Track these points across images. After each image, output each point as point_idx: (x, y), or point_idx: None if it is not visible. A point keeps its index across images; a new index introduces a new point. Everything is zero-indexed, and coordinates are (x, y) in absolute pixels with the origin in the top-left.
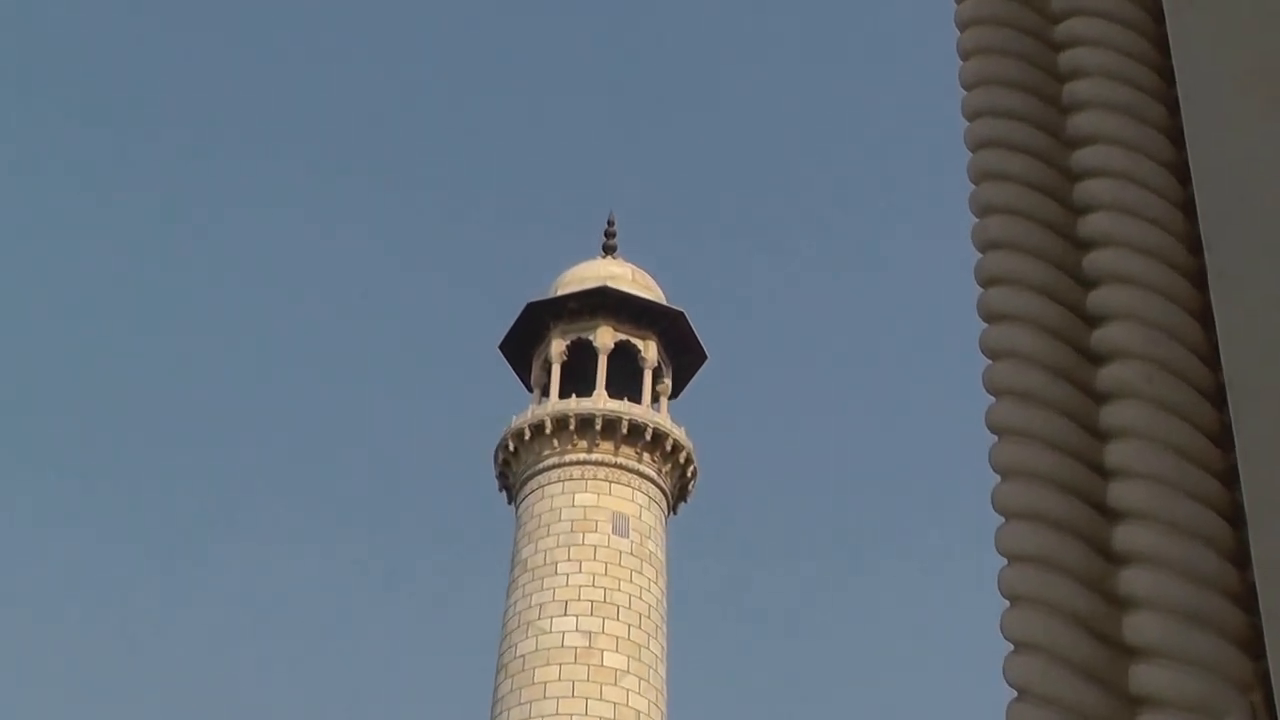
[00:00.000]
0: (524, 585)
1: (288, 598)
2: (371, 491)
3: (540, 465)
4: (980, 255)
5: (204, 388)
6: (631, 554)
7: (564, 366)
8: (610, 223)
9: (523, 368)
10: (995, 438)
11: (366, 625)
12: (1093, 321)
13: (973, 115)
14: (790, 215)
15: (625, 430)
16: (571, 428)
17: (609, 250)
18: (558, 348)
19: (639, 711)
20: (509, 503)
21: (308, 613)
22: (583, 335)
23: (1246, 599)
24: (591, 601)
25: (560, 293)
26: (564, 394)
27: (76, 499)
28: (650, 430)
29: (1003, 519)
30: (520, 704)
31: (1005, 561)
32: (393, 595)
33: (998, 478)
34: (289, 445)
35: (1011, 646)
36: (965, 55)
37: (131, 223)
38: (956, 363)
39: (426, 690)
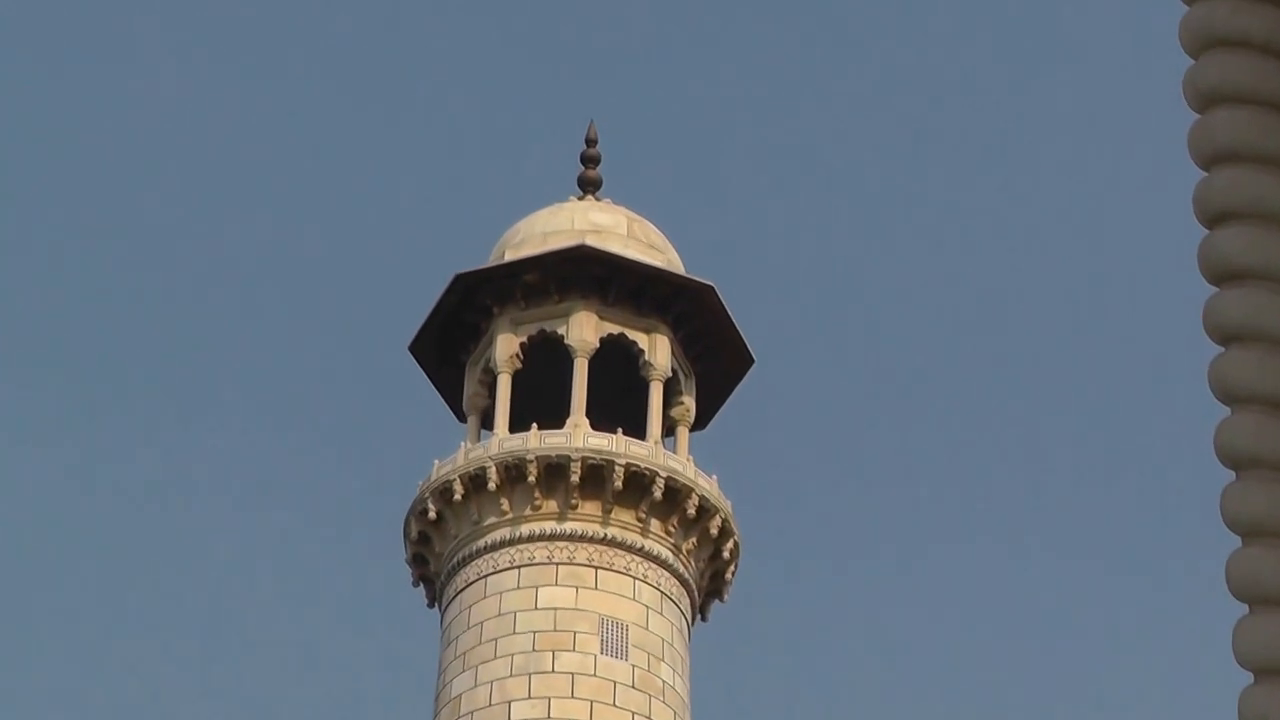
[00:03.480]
0: None
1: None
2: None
3: (480, 542)
4: (1204, 173)
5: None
6: (634, 686)
7: (518, 379)
8: (591, 139)
9: (449, 381)
10: (1231, 474)
11: None
12: None
13: None
14: (867, 141)
15: (620, 482)
16: (531, 479)
17: (589, 186)
18: (507, 348)
19: None
20: (430, 604)
21: None
22: (548, 327)
23: None
24: None
25: (509, 256)
26: (518, 425)
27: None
28: (662, 482)
29: (1245, 608)
30: None
31: (1250, 678)
32: None
33: (1236, 540)
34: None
35: None
36: None
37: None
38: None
39: None
